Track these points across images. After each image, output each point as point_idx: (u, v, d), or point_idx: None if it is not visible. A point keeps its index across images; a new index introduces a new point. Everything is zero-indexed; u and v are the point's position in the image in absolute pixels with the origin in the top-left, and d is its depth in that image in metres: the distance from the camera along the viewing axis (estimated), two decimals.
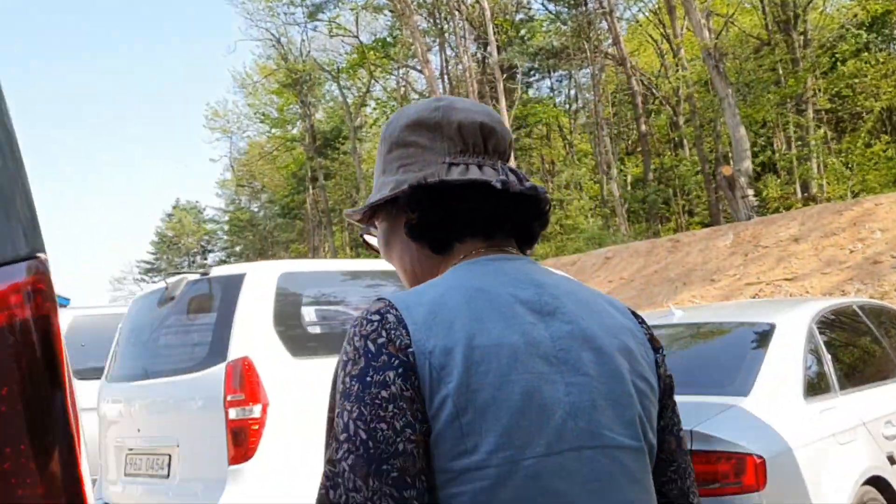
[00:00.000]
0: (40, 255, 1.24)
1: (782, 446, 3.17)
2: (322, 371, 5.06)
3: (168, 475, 4.92)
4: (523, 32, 31.18)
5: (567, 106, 34.54)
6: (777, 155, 25.60)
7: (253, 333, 4.74)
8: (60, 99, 74.66)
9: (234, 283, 4.88)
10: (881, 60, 23.29)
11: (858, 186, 22.12)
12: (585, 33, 29.46)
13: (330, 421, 1.00)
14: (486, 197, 1.08)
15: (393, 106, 32.70)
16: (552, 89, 34.79)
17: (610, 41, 30.03)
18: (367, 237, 1.24)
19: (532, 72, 33.22)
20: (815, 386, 3.67)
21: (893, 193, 14.33)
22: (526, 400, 0.95)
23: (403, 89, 32.86)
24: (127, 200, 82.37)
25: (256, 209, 48.29)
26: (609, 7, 27.86)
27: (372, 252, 1.23)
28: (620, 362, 1.03)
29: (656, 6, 29.11)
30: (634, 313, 1.15)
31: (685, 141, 29.49)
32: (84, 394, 6.10)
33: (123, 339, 5.72)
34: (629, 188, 30.16)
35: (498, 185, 1.06)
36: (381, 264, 6.07)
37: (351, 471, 0.91)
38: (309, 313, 5.29)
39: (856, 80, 23.65)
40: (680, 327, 4.29)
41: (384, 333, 0.96)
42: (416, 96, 32.33)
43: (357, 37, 32.41)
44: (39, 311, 1.21)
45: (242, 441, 4.57)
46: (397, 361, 0.94)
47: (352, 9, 31.86)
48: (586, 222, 28.50)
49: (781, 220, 14.66)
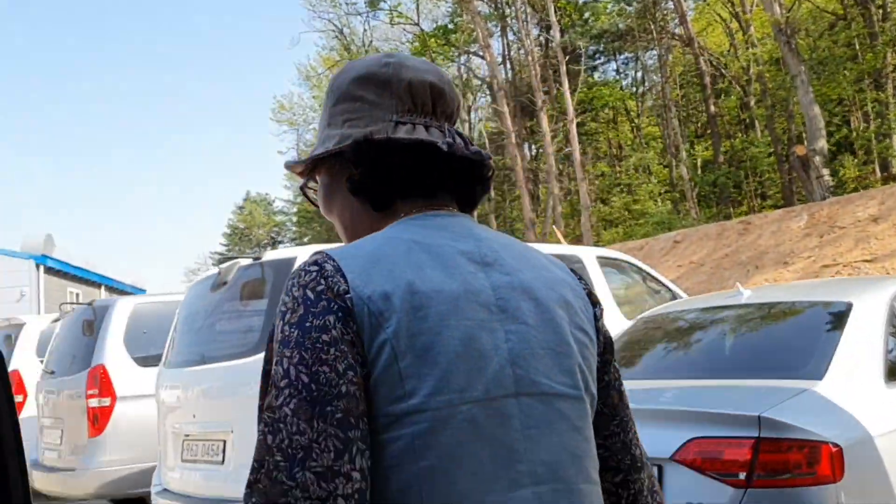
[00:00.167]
0: None
1: (861, 434, 2.92)
2: None
3: (223, 461, 4.89)
4: (587, 15, 30.64)
5: (634, 89, 33.86)
6: (854, 133, 24.60)
7: None
8: (140, 95, 76.72)
9: (285, 267, 4.80)
10: None
11: None
12: (651, 14, 28.79)
13: (266, 373, 0.97)
14: (431, 158, 1.08)
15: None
16: (618, 72, 34.17)
17: (676, 21, 29.28)
18: (308, 190, 1.21)
19: (597, 55, 32.68)
20: None
21: None
22: (465, 345, 0.95)
23: (465, 76, 32.62)
24: (201, 194, 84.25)
25: None
26: None
27: (312, 205, 1.21)
28: (559, 313, 1.05)
29: None
30: (573, 269, 1.17)
31: (756, 122, 28.59)
32: (147, 381, 6.14)
33: (180, 326, 5.72)
34: (699, 171, 29.41)
35: (444, 148, 1.07)
36: None
37: (294, 414, 0.90)
38: None
39: None
40: (748, 308, 4.04)
41: (322, 281, 0.95)
42: (479, 83, 32.10)
43: (418, 24, 32.31)
44: None
45: None
46: (336, 306, 0.94)
47: None
48: (655, 207, 27.91)
49: (859, 200, 14.05)
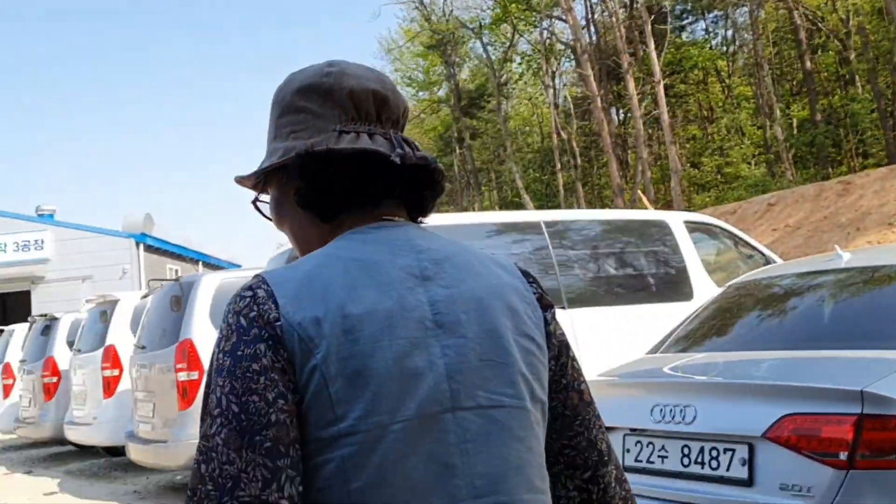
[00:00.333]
0: None
1: None
2: None
3: None
4: None
5: (724, 48, 32.55)
6: None
7: None
8: (232, 73, 78.53)
9: None
10: None
11: None
12: None
13: (206, 397, 0.97)
14: (375, 167, 1.08)
15: (538, 60, 31.97)
16: (707, 31, 32.87)
17: None
18: (260, 204, 1.20)
19: (684, 14, 31.49)
20: None
21: None
22: (398, 365, 0.96)
23: (548, 41, 31.99)
24: None
25: None
26: None
27: (265, 218, 1.20)
28: (502, 322, 1.05)
29: None
30: (525, 272, 1.16)
31: (857, 76, 27.10)
32: None
33: None
34: (794, 131, 28.12)
35: (397, 160, 1.06)
36: (524, 216, 5.76)
37: (224, 444, 0.91)
38: None
39: None
40: (849, 272, 3.71)
41: (255, 308, 0.97)
42: (562, 47, 31.45)
43: None
44: None
45: None
46: (267, 334, 0.95)
47: None
48: (748, 169, 26.88)
49: None
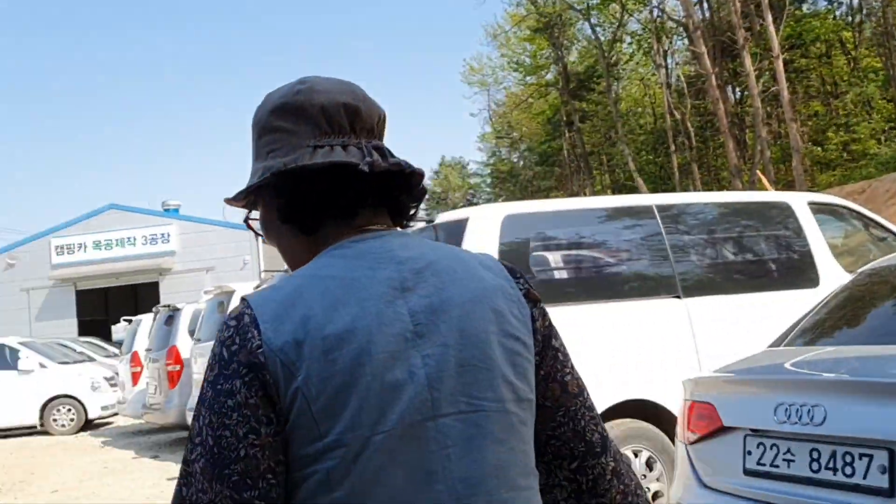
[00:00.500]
0: None
1: None
2: (554, 321, 4.71)
3: None
4: None
5: (849, 18, 30.68)
6: None
7: None
8: (336, 62, 79.97)
9: (457, 230, 4.58)
10: None
11: None
12: None
13: (193, 421, 1.03)
14: (346, 178, 1.11)
15: (649, 39, 31.02)
16: (830, 1, 31.08)
17: None
18: (251, 222, 1.24)
19: None
20: None
21: None
22: (377, 380, 1.00)
23: (659, 19, 30.97)
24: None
25: (516, 159, 48.68)
26: None
27: (257, 235, 1.25)
28: (483, 326, 1.07)
29: None
30: (511, 269, 1.18)
31: None
32: None
33: None
34: None
35: (366, 168, 1.09)
36: (635, 200, 5.49)
37: (201, 473, 0.98)
38: (540, 258, 4.87)
39: None
40: None
41: (237, 339, 1.01)
42: (674, 25, 30.38)
43: None
44: None
45: None
46: (245, 370, 1.00)
47: None
48: (878, 146, 25.27)
49: None
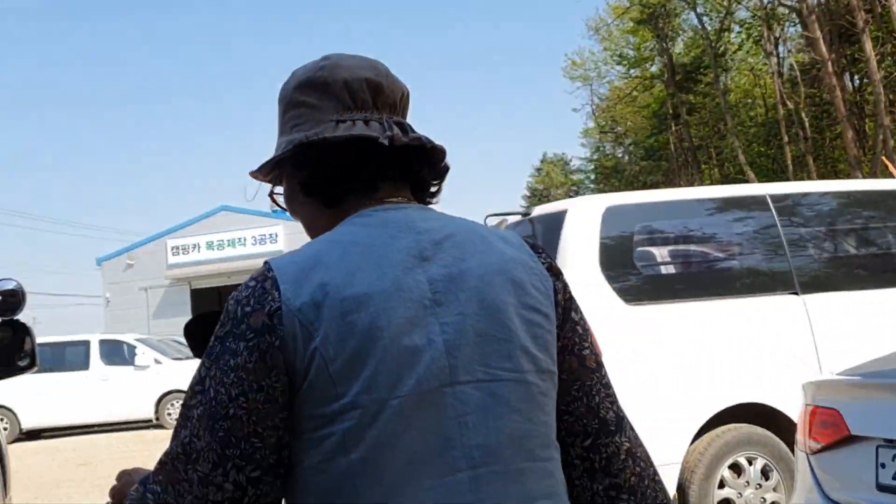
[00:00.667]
0: None
1: None
2: (661, 320, 4.48)
3: None
4: None
5: None
6: None
7: (577, 277, 4.21)
8: (432, 59, 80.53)
9: (555, 223, 4.39)
10: None
11: None
12: None
13: (201, 367, 1.07)
14: (369, 152, 1.13)
15: (759, 27, 29.77)
16: None
17: None
18: (275, 196, 1.26)
19: None
20: None
21: None
22: (395, 344, 1.02)
23: (770, 5, 29.65)
24: (499, 157, 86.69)
25: (621, 154, 47.74)
26: None
27: (281, 209, 1.27)
28: (502, 298, 1.09)
29: None
30: (533, 245, 1.18)
31: None
32: None
33: None
34: None
35: (385, 142, 1.12)
36: (747, 189, 5.18)
37: (197, 419, 1.03)
38: (645, 253, 4.62)
39: None
40: None
41: (252, 301, 1.04)
42: (786, 10, 29.04)
43: None
44: None
45: None
46: (251, 334, 1.02)
47: None
48: None
49: None
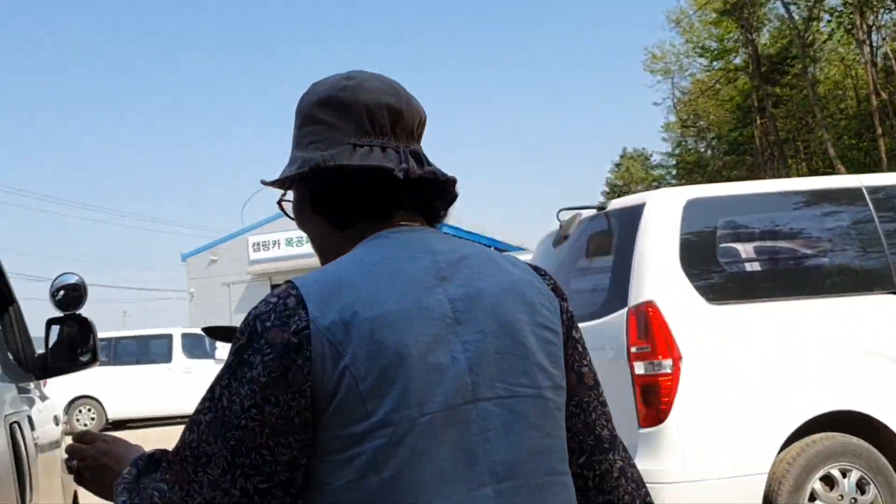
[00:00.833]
0: None
1: None
2: (747, 321, 4.16)
3: None
4: None
5: None
6: None
7: (656, 274, 3.99)
8: (511, 54, 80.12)
9: (632, 217, 4.17)
10: None
11: None
12: None
13: (218, 375, 1.08)
14: (385, 182, 1.14)
15: (850, 15, 28.54)
16: None
17: None
18: (284, 203, 1.27)
19: None
20: None
21: None
22: (422, 361, 1.04)
23: None
24: (578, 153, 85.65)
25: (703, 149, 46.61)
26: None
27: (288, 217, 1.27)
28: (517, 316, 1.12)
29: None
30: (536, 269, 1.22)
31: None
32: None
33: None
34: None
35: (400, 175, 1.13)
36: (839, 181, 4.85)
37: (207, 425, 1.04)
38: (729, 249, 4.36)
39: None
40: None
41: (272, 317, 1.04)
42: None
43: None
44: None
45: (653, 400, 3.89)
46: (268, 348, 1.02)
47: None
48: None
49: None
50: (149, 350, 16.97)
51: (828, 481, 4.13)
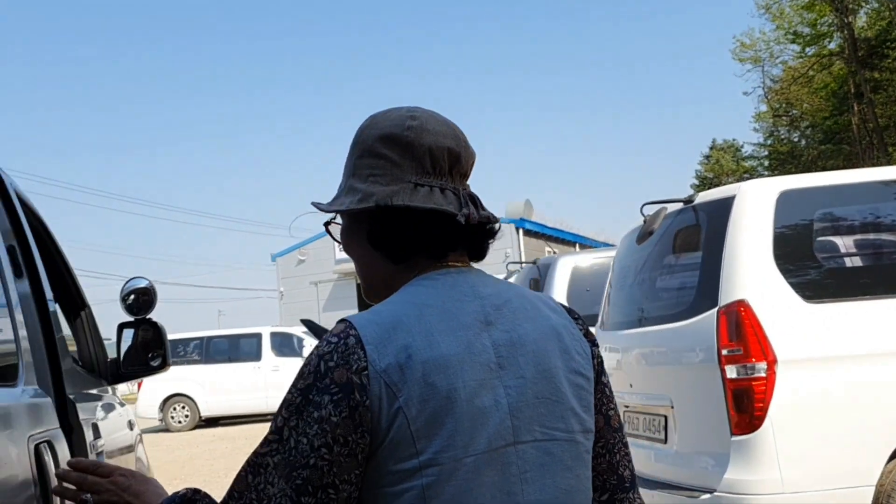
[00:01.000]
0: None
1: None
2: (848, 320, 3.80)
3: (665, 440, 4.23)
4: None
5: None
6: None
7: (748, 270, 3.74)
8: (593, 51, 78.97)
9: (721, 210, 3.93)
10: None
11: None
12: None
13: (273, 419, 1.11)
14: (444, 224, 1.20)
15: None
16: None
17: None
18: (331, 228, 1.33)
19: None
20: None
21: None
22: (469, 404, 1.10)
23: None
24: (666, 146, 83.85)
25: (797, 138, 44.91)
26: None
27: (335, 241, 1.31)
28: (555, 363, 1.19)
29: None
30: (570, 311, 1.30)
31: None
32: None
33: (613, 283, 5.18)
34: None
35: (462, 220, 1.19)
36: None
37: (273, 467, 1.08)
38: (827, 243, 4.07)
39: None
40: None
41: (335, 357, 1.09)
42: None
43: None
44: None
45: (746, 406, 3.65)
46: (335, 388, 1.07)
47: None
48: None
49: None
50: (239, 349, 17.32)
51: None
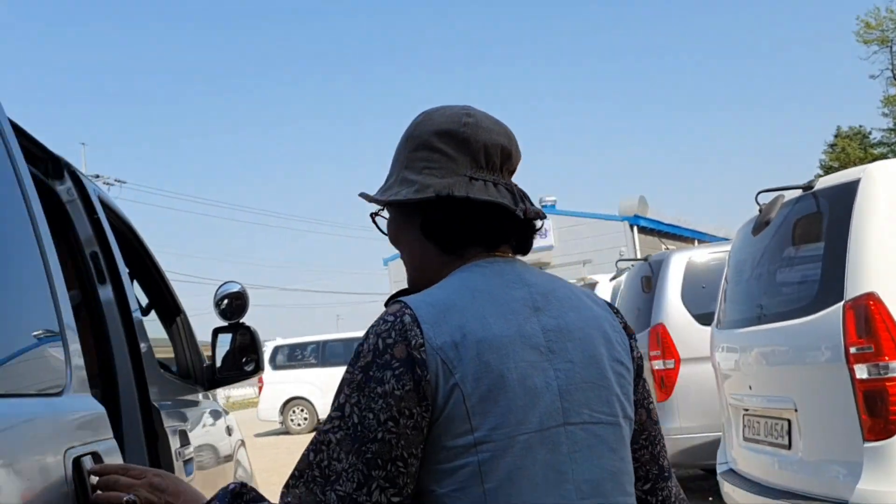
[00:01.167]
0: None
1: None
2: None
3: (789, 445, 3.93)
4: None
5: None
6: None
7: (877, 261, 3.42)
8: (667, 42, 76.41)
9: (846, 195, 3.61)
10: None
11: None
12: None
13: (334, 399, 1.15)
14: (501, 217, 1.26)
15: None
16: None
17: None
18: (378, 218, 1.36)
19: None
20: None
21: None
22: (521, 384, 1.15)
23: None
24: (787, 135, 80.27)
25: None
26: None
27: (380, 232, 1.35)
28: (600, 350, 1.24)
29: None
30: (610, 305, 1.34)
31: None
32: (703, 340, 5.43)
33: (729, 278, 4.88)
34: None
35: (520, 214, 1.25)
36: None
37: (337, 444, 1.11)
38: None
39: None
40: None
41: (393, 334, 1.14)
42: None
43: None
44: None
45: (880, 409, 3.34)
46: (397, 363, 1.12)
47: None
48: None
49: None
50: (353, 352, 17.58)
51: None
